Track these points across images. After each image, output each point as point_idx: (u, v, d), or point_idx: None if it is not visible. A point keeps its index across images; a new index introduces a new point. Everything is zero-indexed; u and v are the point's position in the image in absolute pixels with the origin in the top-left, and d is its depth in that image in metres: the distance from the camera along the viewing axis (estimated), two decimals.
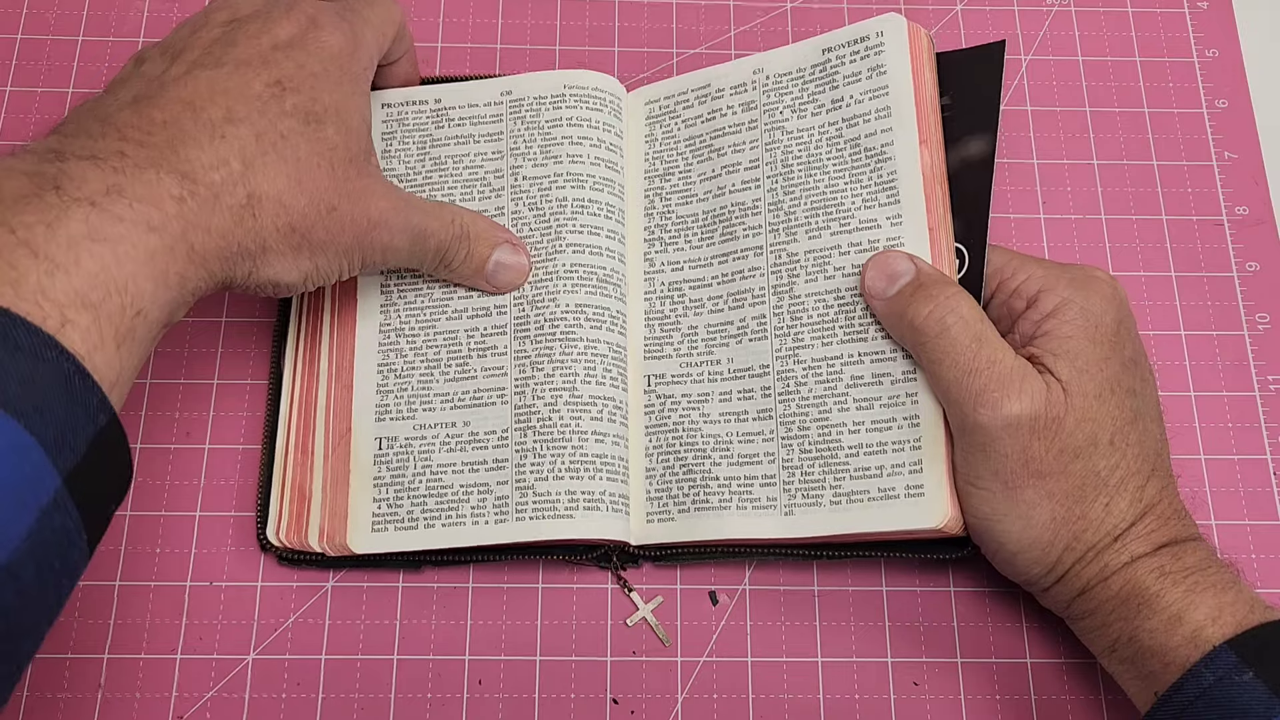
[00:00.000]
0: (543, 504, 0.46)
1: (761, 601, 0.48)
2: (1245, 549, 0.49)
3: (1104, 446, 0.41)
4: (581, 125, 0.50)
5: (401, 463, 0.47)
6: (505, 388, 0.48)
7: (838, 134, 0.48)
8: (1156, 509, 0.42)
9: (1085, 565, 0.42)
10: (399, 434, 0.48)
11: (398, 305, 0.49)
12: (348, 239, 0.41)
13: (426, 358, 0.48)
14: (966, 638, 0.48)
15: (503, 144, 0.50)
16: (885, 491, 0.44)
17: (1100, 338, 0.43)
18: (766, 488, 0.46)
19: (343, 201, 0.41)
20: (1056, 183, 0.56)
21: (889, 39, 0.48)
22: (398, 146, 0.51)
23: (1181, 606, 0.40)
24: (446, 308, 0.49)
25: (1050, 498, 0.41)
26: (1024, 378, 0.41)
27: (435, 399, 0.48)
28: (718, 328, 0.49)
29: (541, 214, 0.49)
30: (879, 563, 0.49)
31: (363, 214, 0.42)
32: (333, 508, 0.47)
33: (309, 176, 0.40)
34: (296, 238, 0.40)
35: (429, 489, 0.47)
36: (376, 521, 0.47)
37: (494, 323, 0.48)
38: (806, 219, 0.48)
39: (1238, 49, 0.59)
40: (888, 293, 0.44)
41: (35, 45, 0.57)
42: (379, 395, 0.48)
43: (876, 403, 0.45)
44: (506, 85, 0.51)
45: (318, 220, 0.40)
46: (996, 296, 0.46)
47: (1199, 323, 0.53)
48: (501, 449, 0.47)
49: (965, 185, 0.47)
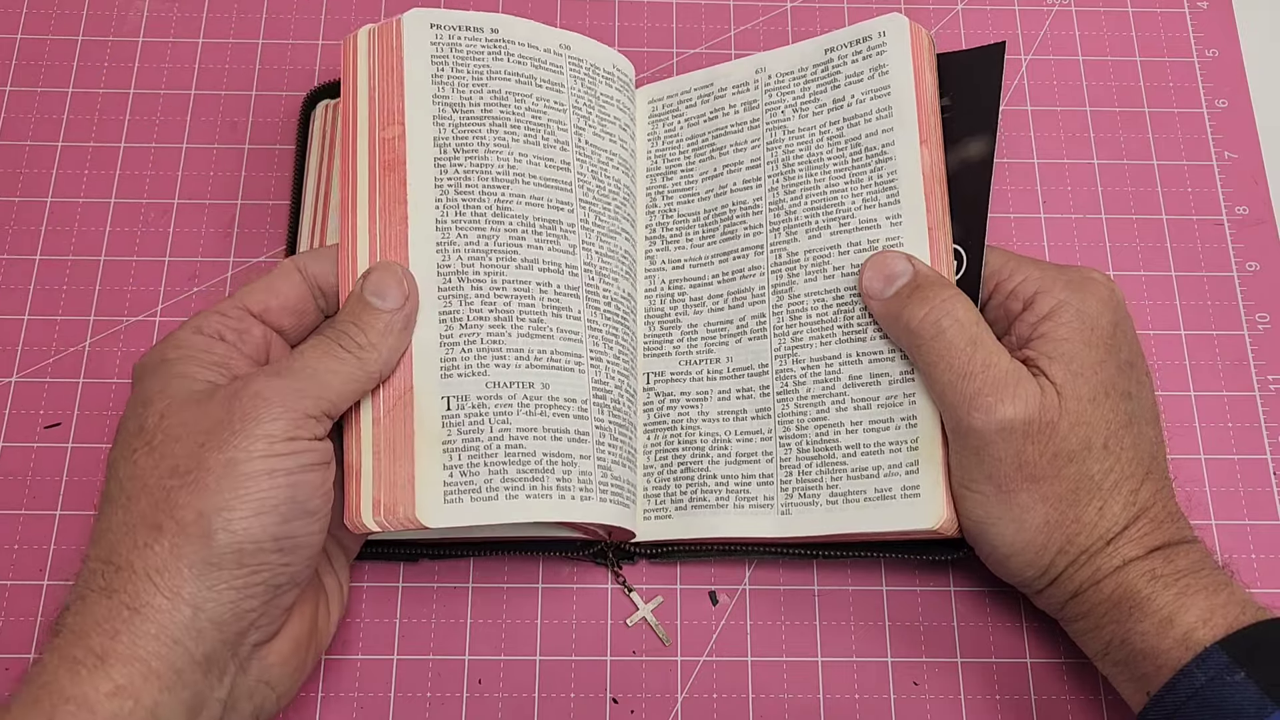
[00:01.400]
0: (618, 488, 0.45)
1: (761, 601, 0.48)
2: (1245, 549, 0.49)
3: (1098, 450, 0.41)
4: (626, 112, 0.50)
5: (475, 425, 0.42)
6: (581, 356, 0.45)
7: (839, 133, 0.48)
8: (1150, 512, 0.42)
9: (1078, 568, 0.42)
10: (470, 392, 0.43)
11: (457, 245, 0.44)
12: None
13: (496, 308, 0.44)
14: (966, 638, 0.48)
15: (565, 98, 0.47)
16: (881, 492, 0.44)
17: (1096, 340, 0.42)
18: (764, 486, 0.46)
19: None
20: (1056, 183, 0.56)
21: (891, 39, 0.48)
22: (450, 73, 0.46)
23: (1173, 609, 0.40)
24: (515, 255, 0.44)
25: (1044, 501, 0.41)
26: (1018, 381, 0.41)
27: (509, 354, 0.43)
28: (717, 326, 0.49)
29: (603, 188, 0.47)
30: (879, 562, 0.49)
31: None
32: (390, 478, 0.42)
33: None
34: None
35: (509, 455, 0.42)
36: (449, 491, 0.42)
37: (567, 283, 0.45)
38: (807, 218, 0.48)
39: (1238, 49, 0.59)
40: (885, 293, 0.44)
41: (35, 45, 0.57)
42: (444, 348, 0.43)
43: (874, 403, 0.45)
44: (565, 39, 0.48)
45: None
46: (994, 298, 0.46)
47: (1199, 323, 0.53)
48: (582, 420, 0.44)
49: (964, 186, 0.47)
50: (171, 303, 0.52)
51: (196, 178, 0.55)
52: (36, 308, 0.52)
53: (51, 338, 0.52)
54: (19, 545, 0.48)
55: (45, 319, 0.52)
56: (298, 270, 0.43)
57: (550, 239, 0.45)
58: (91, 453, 0.50)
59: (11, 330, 0.52)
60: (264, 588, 0.37)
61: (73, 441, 0.50)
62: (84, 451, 0.50)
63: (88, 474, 0.49)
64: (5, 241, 0.53)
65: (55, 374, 0.51)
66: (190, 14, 0.58)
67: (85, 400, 0.51)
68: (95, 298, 0.52)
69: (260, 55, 0.57)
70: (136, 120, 0.56)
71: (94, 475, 0.49)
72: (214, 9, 0.58)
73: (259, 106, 0.56)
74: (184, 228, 0.54)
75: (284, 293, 0.43)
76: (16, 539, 0.48)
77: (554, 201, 0.46)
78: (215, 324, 0.41)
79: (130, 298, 0.52)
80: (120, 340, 0.52)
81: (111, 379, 0.51)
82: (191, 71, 0.57)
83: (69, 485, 0.49)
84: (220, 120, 0.56)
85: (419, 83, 0.46)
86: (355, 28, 0.57)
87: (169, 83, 0.56)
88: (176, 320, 0.52)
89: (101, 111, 0.56)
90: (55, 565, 0.48)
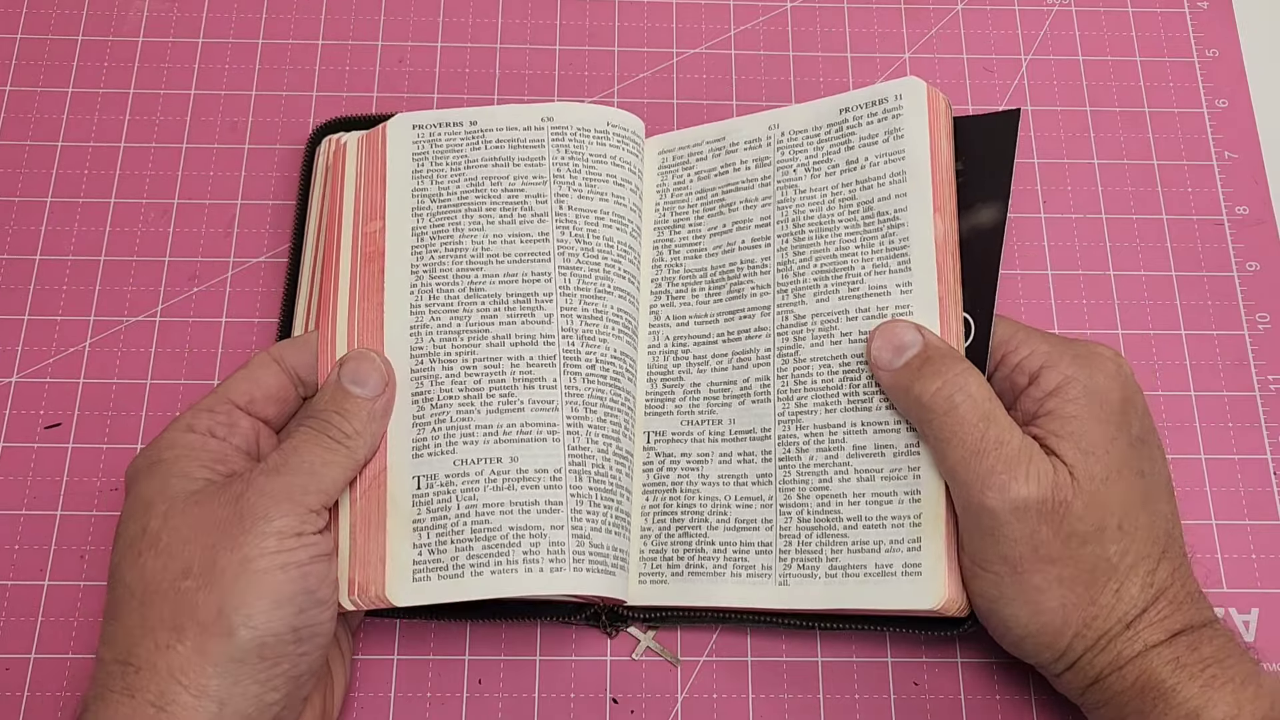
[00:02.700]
0: (597, 557, 0.44)
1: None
2: (1245, 549, 0.49)
3: (1112, 531, 0.40)
4: (624, 167, 0.49)
5: (443, 503, 0.44)
6: (556, 424, 0.45)
7: (851, 196, 0.47)
8: (1169, 593, 0.41)
9: (1097, 653, 0.40)
10: (439, 471, 0.44)
11: (430, 328, 0.46)
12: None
13: (465, 386, 0.45)
14: (966, 637, 0.47)
15: (545, 169, 0.48)
16: (882, 568, 0.43)
17: (1105, 417, 0.41)
18: (762, 555, 0.45)
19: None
20: (1056, 183, 0.56)
21: (908, 102, 0.46)
22: (430, 167, 0.48)
23: (1199, 703, 0.38)
24: (487, 332, 0.46)
25: (1059, 583, 0.40)
26: (1030, 459, 0.40)
27: (477, 431, 0.44)
28: (720, 386, 0.48)
29: (589, 249, 0.47)
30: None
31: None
32: (364, 556, 0.43)
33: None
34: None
35: (475, 532, 0.43)
36: (418, 570, 0.43)
37: (541, 353, 0.45)
38: (815, 281, 0.47)
39: (1238, 49, 0.59)
40: (894, 364, 0.43)
41: (35, 45, 0.57)
42: (415, 429, 0.44)
43: (878, 475, 0.44)
44: (548, 111, 0.49)
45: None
46: (999, 370, 0.44)
47: (1199, 323, 0.53)
48: (554, 490, 0.44)
49: (974, 253, 0.46)
50: (171, 303, 0.52)
51: (196, 178, 0.55)
52: (36, 308, 0.52)
53: (51, 338, 0.52)
54: (19, 545, 0.48)
55: (45, 319, 0.52)
56: (275, 361, 0.44)
57: (524, 312, 0.46)
58: (91, 453, 0.50)
59: (11, 330, 0.52)
60: (285, 679, 0.39)
61: (73, 441, 0.50)
62: (84, 451, 0.50)
63: (88, 474, 0.49)
64: (5, 241, 0.53)
65: (55, 374, 0.51)
66: (190, 14, 0.58)
67: (85, 400, 0.51)
68: (95, 298, 0.52)
69: (260, 55, 0.57)
70: (136, 120, 0.56)
71: (94, 475, 0.49)
72: (214, 9, 0.58)
73: (259, 106, 0.56)
74: (184, 228, 0.54)
75: (266, 383, 0.44)
76: (16, 539, 0.48)
77: (529, 275, 0.46)
78: (205, 421, 0.43)
79: (130, 298, 0.52)
80: (120, 340, 0.52)
81: (111, 379, 0.51)
82: (191, 71, 0.57)
83: (69, 485, 0.49)
84: (220, 120, 0.56)
85: (400, 179, 0.48)
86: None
87: (169, 83, 0.56)
88: (176, 320, 0.52)
89: (101, 111, 0.56)
90: (55, 565, 0.48)
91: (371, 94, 0.56)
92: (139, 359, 0.51)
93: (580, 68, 0.57)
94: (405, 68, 0.57)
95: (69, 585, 0.48)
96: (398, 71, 0.57)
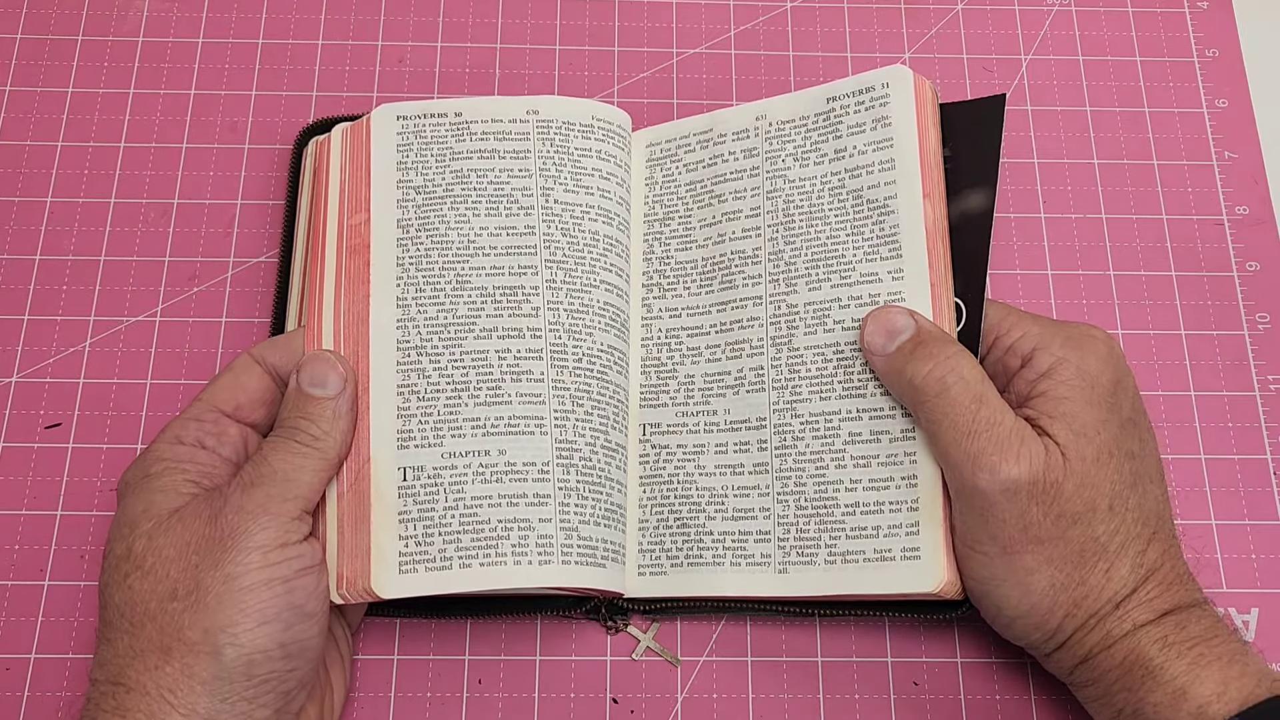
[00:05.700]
0: (586, 549, 0.44)
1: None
2: (1245, 549, 0.49)
3: (1103, 512, 0.41)
4: (609, 160, 0.49)
5: (430, 495, 0.44)
6: (544, 417, 0.45)
7: (840, 184, 0.47)
8: (1158, 574, 0.41)
9: (1087, 633, 0.41)
10: (425, 463, 0.44)
11: (416, 320, 0.46)
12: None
13: (453, 379, 0.45)
14: (966, 638, 0.48)
15: (530, 163, 0.48)
16: (881, 553, 0.43)
17: (1097, 399, 0.42)
18: (761, 544, 0.45)
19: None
20: (1056, 183, 0.56)
21: (894, 90, 0.47)
22: (415, 158, 0.48)
23: (1186, 680, 0.39)
24: (474, 325, 0.46)
25: (1049, 564, 0.40)
26: (1023, 440, 0.40)
27: (465, 424, 0.44)
28: (715, 377, 0.48)
29: (575, 243, 0.47)
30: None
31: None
32: (352, 550, 0.43)
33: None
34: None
35: (463, 524, 0.43)
36: (404, 562, 0.43)
37: (528, 345, 0.46)
38: (807, 270, 0.47)
39: (1238, 49, 0.59)
40: (887, 349, 0.43)
41: (35, 45, 0.57)
42: (400, 420, 0.44)
43: (874, 461, 0.44)
44: (532, 105, 0.49)
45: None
46: (992, 353, 0.45)
47: (1199, 323, 0.53)
48: (542, 483, 0.44)
49: (964, 238, 0.46)
50: (171, 303, 0.52)
51: (196, 178, 0.55)
52: (36, 308, 0.52)
53: (51, 338, 0.52)
54: (19, 545, 0.48)
55: (45, 319, 0.52)
56: (257, 363, 0.44)
57: (511, 305, 0.46)
58: (91, 453, 0.50)
59: (11, 330, 0.52)
60: (274, 695, 0.39)
61: (73, 441, 0.50)
62: (84, 451, 0.50)
63: (88, 474, 0.49)
64: (5, 241, 0.53)
65: (55, 374, 0.51)
66: (190, 14, 0.58)
67: (85, 400, 0.51)
68: (95, 298, 0.52)
69: (260, 55, 0.57)
70: (136, 120, 0.56)
71: (94, 475, 0.49)
72: (214, 9, 0.58)
73: (259, 106, 0.56)
74: (184, 228, 0.54)
75: (250, 387, 0.44)
76: (16, 539, 0.48)
77: (516, 268, 0.47)
78: (193, 432, 0.43)
79: (130, 298, 0.52)
80: (120, 340, 0.52)
81: (111, 379, 0.51)
82: (191, 71, 0.57)
83: (69, 485, 0.49)
84: (220, 120, 0.56)
85: (384, 170, 0.48)
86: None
87: (169, 83, 0.56)
88: (176, 320, 0.52)
89: (101, 111, 0.56)
90: (55, 565, 0.48)
91: (371, 94, 0.56)
92: (139, 359, 0.51)
93: (580, 68, 0.57)
94: (405, 68, 0.57)
95: (69, 585, 0.48)
96: (398, 71, 0.57)
